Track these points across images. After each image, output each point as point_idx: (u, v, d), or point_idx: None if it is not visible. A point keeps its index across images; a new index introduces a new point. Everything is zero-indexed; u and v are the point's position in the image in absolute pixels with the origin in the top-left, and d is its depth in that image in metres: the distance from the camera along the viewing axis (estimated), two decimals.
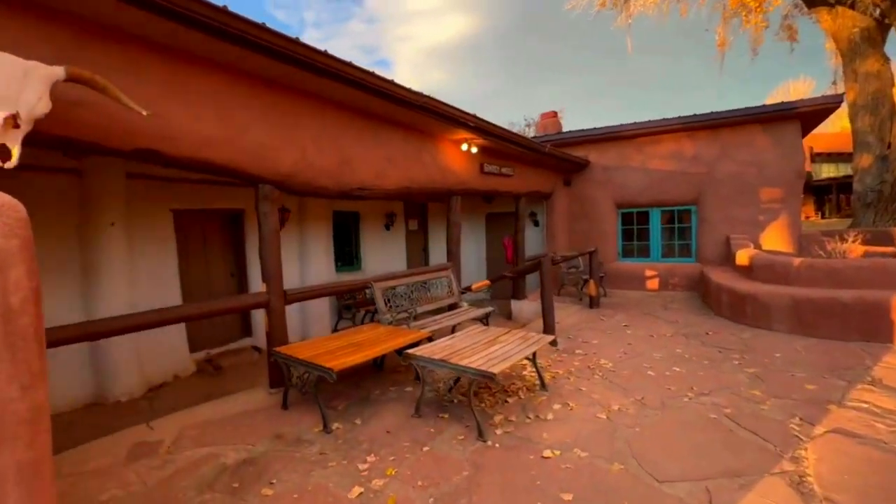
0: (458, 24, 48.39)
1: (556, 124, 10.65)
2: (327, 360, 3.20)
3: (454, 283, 5.69)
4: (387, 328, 4.28)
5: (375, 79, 3.89)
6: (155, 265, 5.35)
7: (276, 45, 3.10)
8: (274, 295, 3.84)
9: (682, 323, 6.12)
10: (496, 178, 6.95)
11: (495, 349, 3.46)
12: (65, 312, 4.63)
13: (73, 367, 4.68)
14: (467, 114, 5.16)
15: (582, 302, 7.94)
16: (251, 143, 3.53)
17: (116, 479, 2.57)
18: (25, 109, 2.05)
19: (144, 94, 2.85)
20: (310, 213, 7.17)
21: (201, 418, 3.35)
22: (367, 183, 4.61)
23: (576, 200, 9.66)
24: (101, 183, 4.67)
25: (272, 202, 3.81)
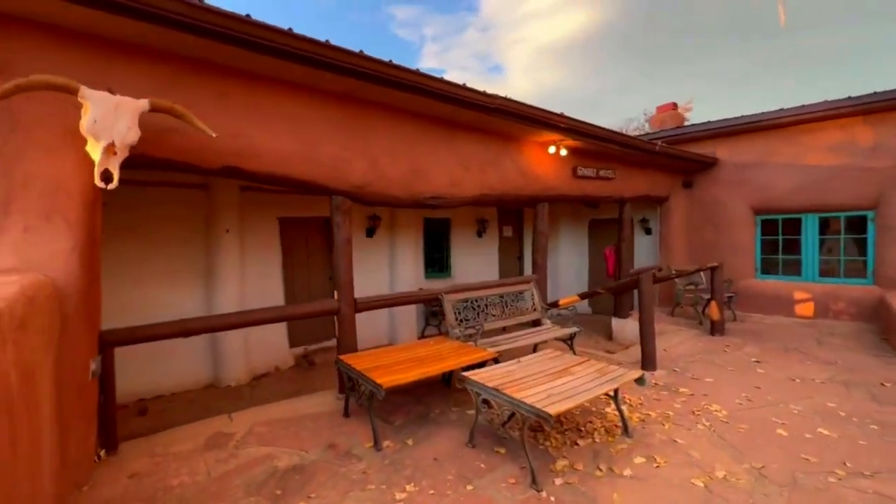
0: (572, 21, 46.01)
1: (676, 118, 9.25)
2: (380, 375, 3.13)
3: (537, 297, 5.24)
4: (454, 343, 4.08)
5: (444, 84, 3.75)
6: (262, 268, 6.02)
7: (342, 61, 3.16)
8: (344, 303, 3.95)
9: (843, 365, 4.67)
10: (593, 182, 6.25)
11: (562, 382, 2.99)
12: (193, 306, 5.48)
13: (199, 353, 5.49)
14: (553, 113, 4.70)
15: (701, 327, 6.69)
16: (324, 157, 3.68)
17: (189, 466, 2.84)
18: (119, 138, 2.36)
19: (227, 116, 3.14)
20: (400, 221, 7.37)
21: (272, 416, 3.57)
22: (440, 192, 4.49)
23: (698, 205, 8.23)
24: (220, 195, 5.41)
25: (344, 213, 3.93)
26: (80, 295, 2.61)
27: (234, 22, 2.64)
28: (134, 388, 5.09)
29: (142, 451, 3.05)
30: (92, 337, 2.82)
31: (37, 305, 2.02)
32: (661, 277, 5.54)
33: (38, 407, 1.96)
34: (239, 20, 2.65)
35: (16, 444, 1.47)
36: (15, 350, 1.55)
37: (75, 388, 2.60)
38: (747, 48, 40.61)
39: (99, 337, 2.91)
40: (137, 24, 2.51)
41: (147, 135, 2.81)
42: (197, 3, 2.53)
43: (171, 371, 5.34)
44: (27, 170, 2.42)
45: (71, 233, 2.54)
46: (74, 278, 2.57)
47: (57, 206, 2.48)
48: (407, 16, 53.84)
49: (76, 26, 2.56)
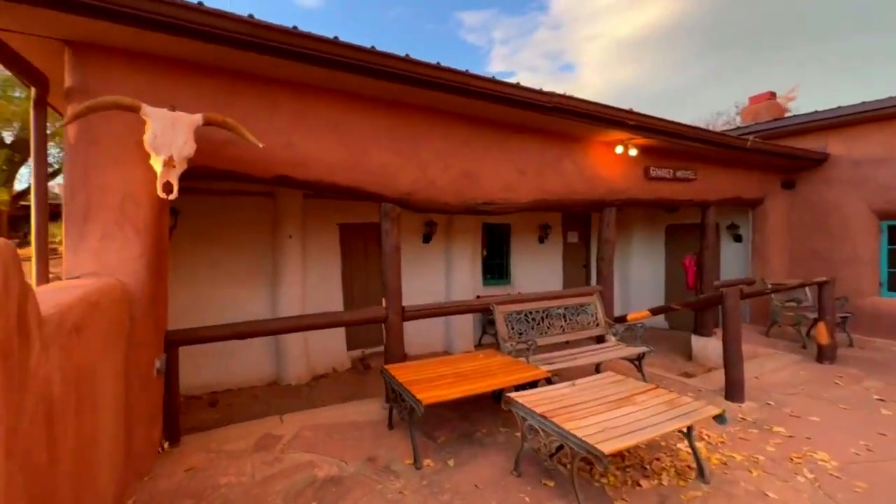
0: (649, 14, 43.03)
1: (774, 108, 8.07)
2: (421, 390, 3.00)
3: (600, 310, 4.79)
4: (505, 358, 3.84)
5: (496, 84, 3.55)
6: (322, 271, 6.24)
7: (388, 66, 3.12)
8: (392, 311, 3.89)
9: None
10: (669, 184, 5.62)
11: (623, 413, 2.63)
12: (259, 306, 5.82)
13: (264, 353, 5.82)
14: (619, 110, 4.27)
15: (805, 351, 5.70)
16: (372, 165, 3.66)
17: (237, 466, 2.93)
18: (176, 152, 2.50)
19: (277, 126, 3.23)
20: (457, 226, 7.26)
21: (319, 420, 3.61)
22: (492, 197, 4.28)
23: (803, 209, 7.08)
24: (284, 202, 5.69)
25: (393, 220, 3.88)
26: (148, 298, 2.81)
27: (282, 34, 2.68)
28: (207, 382, 5.52)
29: (200, 445, 3.22)
30: (158, 337, 3.03)
31: (100, 309, 2.18)
32: (752, 293, 4.78)
33: (96, 405, 2.10)
34: (286, 32, 2.70)
35: (56, 446, 1.54)
36: (63, 355, 1.64)
37: (141, 385, 2.80)
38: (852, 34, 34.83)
39: (164, 337, 3.12)
40: (197, 44, 2.65)
41: (206, 147, 2.97)
42: (250, 19, 2.61)
43: (240, 368, 5.71)
44: (103, 182, 2.65)
45: (139, 240, 2.74)
46: (142, 282, 2.77)
47: (127, 216, 2.69)
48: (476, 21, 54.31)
49: (146, 50, 2.77)
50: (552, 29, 52.76)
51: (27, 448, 1.33)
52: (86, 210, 2.62)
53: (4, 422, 1.18)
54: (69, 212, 2.61)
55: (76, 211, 2.62)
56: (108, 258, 2.65)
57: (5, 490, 1.17)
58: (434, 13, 61.86)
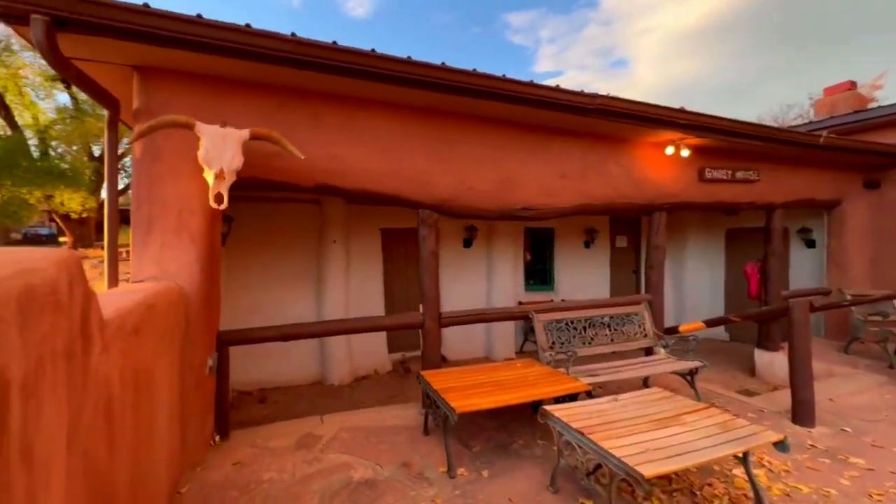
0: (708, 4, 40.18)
1: (854, 99, 7.27)
2: (455, 398, 2.98)
3: (648, 321, 4.53)
4: (544, 369, 3.73)
5: (534, 88, 3.48)
6: (364, 275, 6.41)
7: (425, 75, 3.15)
8: (429, 317, 3.91)
9: None
10: (727, 186, 5.22)
11: (668, 434, 2.45)
12: (306, 307, 6.08)
13: (310, 353, 6.06)
14: (668, 109, 4.03)
15: (892, 372, 5.06)
16: (411, 172, 3.71)
17: (279, 463, 3.06)
18: (226, 165, 2.67)
19: (320, 137, 3.36)
20: (499, 231, 7.18)
21: (358, 422, 3.69)
22: (531, 203, 4.19)
23: (890, 211, 6.30)
24: (329, 208, 5.91)
25: (430, 226, 3.90)
26: (201, 300, 3.02)
27: (322, 50, 2.79)
28: (257, 379, 5.83)
29: (247, 441, 3.40)
30: (210, 337, 3.24)
31: (157, 311, 2.37)
32: (826, 305, 4.31)
33: (154, 401, 2.28)
34: (326, 47, 2.80)
35: (115, 439, 1.68)
36: (122, 355, 1.80)
37: (195, 381, 3.01)
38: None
39: (216, 337, 3.33)
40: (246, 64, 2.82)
41: (255, 160, 3.15)
42: (293, 37, 2.74)
43: (288, 367, 5.98)
44: (164, 194, 2.89)
45: (194, 247, 2.96)
46: (197, 286, 2.98)
47: (184, 224, 2.92)
48: (522, 22, 53.95)
49: (202, 71, 2.99)
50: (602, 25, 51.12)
51: (88, 442, 1.47)
52: (149, 220, 2.87)
53: (66, 417, 1.31)
54: (135, 221, 2.87)
55: (141, 221, 2.87)
56: (167, 264, 2.87)
57: (66, 479, 1.30)
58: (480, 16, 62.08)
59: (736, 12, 37.67)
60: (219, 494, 2.69)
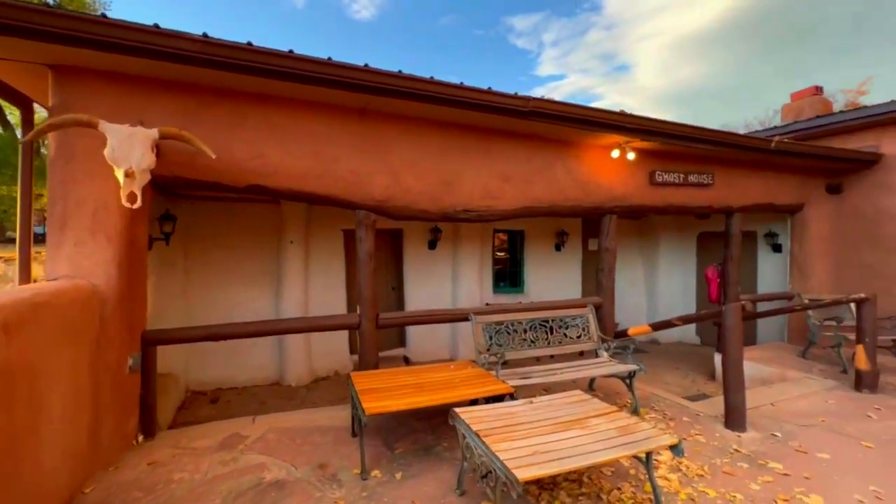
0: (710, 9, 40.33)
1: (819, 105, 7.27)
2: (369, 400, 2.98)
3: (593, 324, 4.52)
4: (476, 371, 3.72)
5: (464, 91, 3.48)
6: (326, 277, 6.40)
7: (348, 77, 3.15)
8: (365, 318, 3.91)
9: None
10: (680, 190, 5.21)
11: (567, 437, 2.45)
12: (264, 308, 6.07)
13: (268, 353, 6.06)
14: (608, 112, 4.04)
15: (844, 377, 5.05)
16: (344, 173, 3.71)
17: (196, 464, 3.05)
18: (135, 164, 2.67)
19: (247, 138, 3.37)
20: (464, 233, 7.18)
21: (288, 423, 3.68)
22: (473, 205, 4.19)
23: (851, 216, 6.31)
24: (287, 209, 5.92)
25: (367, 227, 3.90)
26: (118, 298, 3.01)
27: (234, 50, 2.80)
28: (214, 379, 5.83)
29: (172, 441, 3.39)
30: (132, 335, 3.24)
31: (50, 308, 2.36)
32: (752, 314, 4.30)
33: (41, 400, 2.27)
34: (238, 48, 2.81)
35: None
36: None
37: (112, 380, 3.00)
38: None
39: (141, 336, 3.33)
40: (161, 64, 2.83)
41: (178, 158, 3.16)
42: (203, 38, 2.75)
43: (246, 368, 5.98)
44: (79, 193, 2.89)
45: (111, 245, 2.96)
46: (114, 285, 2.98)
47: (99, 223, 2.92)
48: (525, 25, 54.14)
49: (119, 70, 3.00)
50: (605, 29, 51.35)
51: None
52: (63, 219, 2.87)
53: None
54: (50, 221, 2.87)
55: (55, 220, 2.87)
56: (81, 262, 2.87)
57: None
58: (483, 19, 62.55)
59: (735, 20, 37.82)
60: (123, 494, 2.67)
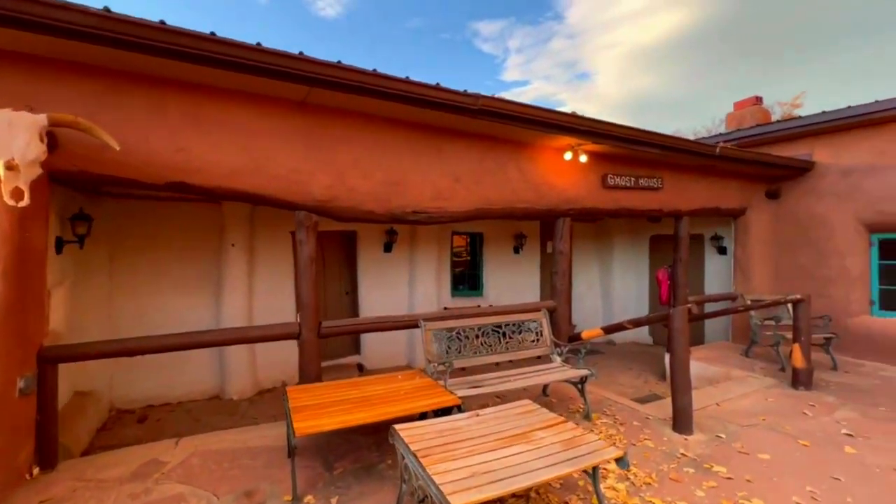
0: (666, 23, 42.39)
1: (759, 114, 7.66)
2: (302, 418, 2.72)
3: (546, 329, 4.45)
4: (424, 381, 3.53)
5: (409, 85, 3.30)
6: (272, 281, 6.01)
7: (280, 65, 2.88)
8: (306, 327, 3.63)
9: None
10: (632, 193, 5.27)
11: (510, 453, 2.30)
12: (204, 316, 5.62)
13: (207, 365, 5.60)
14: (557, 113, 3.98)
15: (783, 374, 5.26)
16: (281, 170, 3.43)
17: (99, 498, 2.67)
18: (18, 155, 2.29)
19: (166, 129, 3.02)
20: (421, 235, 7.00)
21: (216, 445, 3.34)
22: (423, 206, 4.01)
23: (788, 220, 6.64)
24: (230, 209, 5.51)
25: (308, 229, 3.63)
26: (5, 311, 2.59)
27: (136, 27, 2.48)
28: (144, 395, 5.32)
29: (75, 472, 2.97)
30: (25, 352, 2.81)
31: None
32: (698, 316, 4.40)
33: None
34: (145, 26, 2.49)
35: None
36: None
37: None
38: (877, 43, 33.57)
39: (37, 354, 2.90)
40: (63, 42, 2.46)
41: (83, 150, 2.78)
42: (104, 12, 2.41)
43: (181, 381, 5.50)
44: None
45: None
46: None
47: None
48: (491, 30, 54.78)
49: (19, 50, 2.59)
50: (567, 38, 52.74)
51: None
52: None
53: None
54: None
55: None
56: None
57: None
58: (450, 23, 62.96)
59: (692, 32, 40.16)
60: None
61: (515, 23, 54.60)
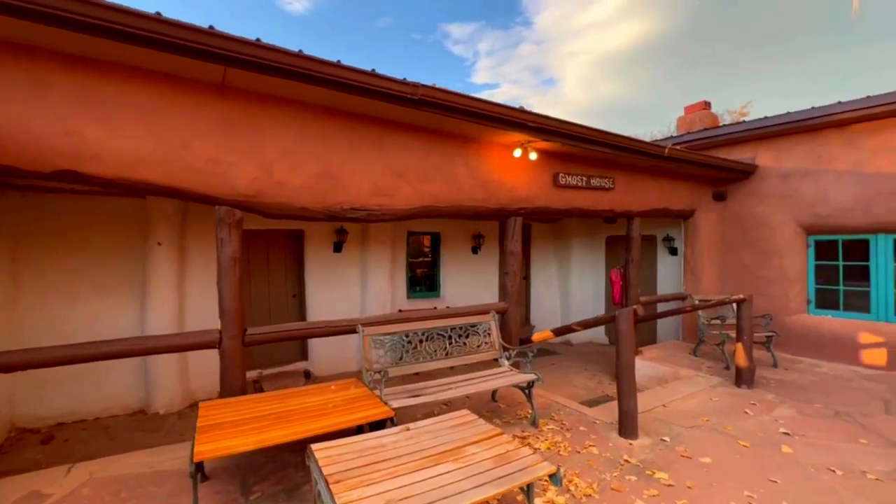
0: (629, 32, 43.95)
1: (708, 118, 7.88)
2: (209, 438, 2.41)
3: (494, 331, 4.29)
4: (359, 391, 3.27)
5: (338, 69, 3.03)
6: (208, 283, 5.53)
7: (180, 39, 2.55)
8: (228, 335, 3.28)
9: None
10: (583, 193, 5.21)
11: (435, 473, 2.09)
12: (126, 322, 5.10)
13: (129, 376, 5.09)
14: (503, 107, 3.82)
15: (728, 372, 5.35)
16: (197, 160, 3.07)
17: None
18: None
19: (51, 109, 2.62)
20: (373, 234, 6.70)
21: (117, 470, 2.94)
22: (363, 203, 3.75)
23: (733, 222, 6.82)
24: (155, 204, 5.02)
25: (231, 226, 3.29)
26: None
27: None
28: (56, 411, 4.76)
29: None
30: None
31: None
32: (645, 317, 4.39)
33: None
34: None
35: None
36: None
37: None
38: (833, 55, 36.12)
39: None
40: None
41: None
42: None
43: (99, 393, 4.96)
44: None
45: None
46: None
47: None
48: (462, 33, 54.95)
49: None
50: (536, 44, 53.71)
51: None
52: None
53: None
54: None
55: None
56: None
57: None
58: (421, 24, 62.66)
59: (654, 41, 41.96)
60: None
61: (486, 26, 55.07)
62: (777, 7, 38.18)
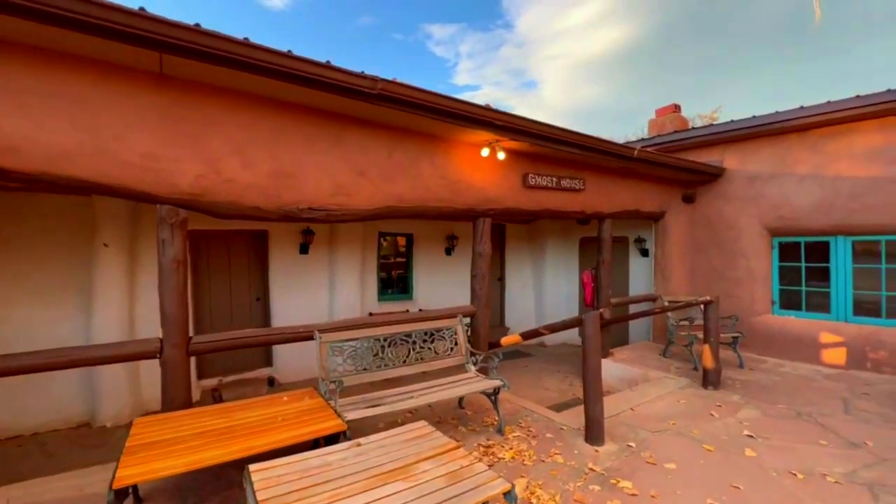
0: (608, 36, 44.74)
1: (678, 121, 7.98)
2: (136, 460, 2.19)
3: (461, 336, 4.16)
4: (313, 402, 3.09)
5: (289, 60, 2.84)
6: None
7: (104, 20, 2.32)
8: (170, 343, 3.04)
9: (875, 450, 3.32)
10: (553, 194, 5.14)
11: (381, 494, 1.94)
12: (70, 329, 4.75)
13: (73, 386, 4.74)
14: (467, 104, 3.70)
15: (696, 374, 5.37)
16: (133, 155, 2.83)
17: None
18: None
19: None
20: (342, 235, 6.49)
21: (41, 496, 2.67)
22: (321, 203, 3.56)
23: (702, 224, 6.91)
24: (101, 203, 4.69)
25: (174, 227, 3.05)
26: None
27: None
28: None
29: None
30: None
31: None
32: (612, 320, 4.35)
33: None
34: None
35: None
36: None
37: None
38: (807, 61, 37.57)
39: None
40: None
41: None
42: None
43: (39, 406, 4.60)
44: None
45: None
46: None
47: None
48: (443, 34, 54.89)
49: None
50: (516, 47, 54.15)
51: None
52: None
53: None
54: None
55: None
56: None
57: None
58: (402, 24, 62.26)
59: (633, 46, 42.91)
60: None
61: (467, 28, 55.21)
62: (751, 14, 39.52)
